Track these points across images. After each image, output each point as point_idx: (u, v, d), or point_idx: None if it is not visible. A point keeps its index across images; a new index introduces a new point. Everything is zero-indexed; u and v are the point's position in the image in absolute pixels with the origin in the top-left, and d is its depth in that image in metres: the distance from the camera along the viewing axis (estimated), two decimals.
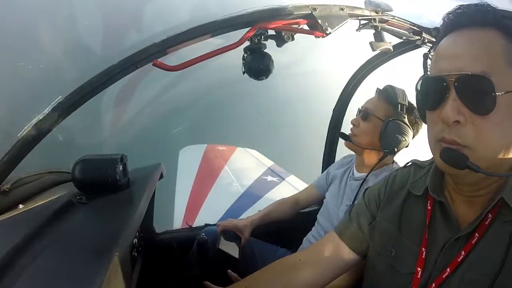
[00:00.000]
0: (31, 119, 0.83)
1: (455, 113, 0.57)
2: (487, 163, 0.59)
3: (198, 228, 1.67)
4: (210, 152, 3.83)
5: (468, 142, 0.58)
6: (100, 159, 1.04)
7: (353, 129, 1.41)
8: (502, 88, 0.56)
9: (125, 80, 0.88)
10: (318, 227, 1.46)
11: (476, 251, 0.63)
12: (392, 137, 1.27)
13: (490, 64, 0.56)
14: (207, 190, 3.05)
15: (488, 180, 0.63)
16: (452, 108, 0.58)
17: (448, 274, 0.65)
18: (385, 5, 1.08)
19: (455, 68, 0.58)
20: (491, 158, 0.59)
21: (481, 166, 0.57)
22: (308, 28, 0.99)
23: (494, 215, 0.63)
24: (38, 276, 0.63)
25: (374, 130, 1.34)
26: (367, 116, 1.36)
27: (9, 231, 0.81)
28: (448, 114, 0.58)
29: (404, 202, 0.79)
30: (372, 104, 1.39)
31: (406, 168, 0.85)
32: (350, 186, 1.40)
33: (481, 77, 0.56)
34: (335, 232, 0.88)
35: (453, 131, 0.59)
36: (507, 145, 0.59)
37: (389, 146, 1.28)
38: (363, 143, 1.38)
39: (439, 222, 0.71)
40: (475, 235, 0.63)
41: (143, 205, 0.99)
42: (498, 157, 0.59)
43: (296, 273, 0.83)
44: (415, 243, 0.73)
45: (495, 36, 0.58)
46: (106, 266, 0.63)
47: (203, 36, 0.89)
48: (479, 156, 0.58)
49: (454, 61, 0.59)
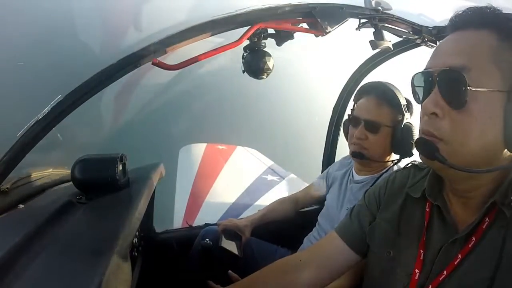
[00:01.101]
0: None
1: (432, 105, 0.60)
2: (464, 159, 0.59)
3: (198, 228, 1.67)
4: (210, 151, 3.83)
5: (444, 135, 0.59)
6: (100, 158, 1.04)
7: (361, 143, 1.29)
8: (482, 85, 0.57)
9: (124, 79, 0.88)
10: (318, 229, 1.46)
11: (473, 255, 0.63)
12: (408, 143, 1.23)
13: (471, 59, 0.58)
14: (207, 190, 3.05)
15: (477, 181, 0.63)
16: (430, 101, 0.60)
17: (445, 277, 0.65)
18: (385, 3, 1.08)
19: (440, 63, 0.61)
20: (466, 154, 0.59)
21: (458, 162, 0.58)
22: (307, 27, 0.99)
23: (492, 219, 0.62)
24: (38, 276, 0.63)
25: (386, 140, 1.27)
26: (374, 128, 1.26)
27: (8, 230, 0.81)
28: (427, 107, 0.61)
29: (403, 203, 0.79)
30: (373, 112, 1.27)
31: (406, 169, 0.86)
32: (351, 189, 1.39)
33: (456, 71, 0.58)
34: (336, 232, 0.88)
35: (431, 123, 0.61)
36: (484, 143, 0.58)
37: (406, 152, 1.26)
38: (376, 156, 1.30)
39: (437, 224, 0.71)
40: (472, 238, 0.63)
41: (143, 205, 0.99)
42: (475, 155, 0.59)
43: (297, 274, 0.83)
44: (413, 245, 0.73)
45: (488, 36, 0.59)
46: (106, 266, 0.63)
47: (203, 35, 0.89)
48: (454, 150, 0.59)
49: (440, 57, 0.62)
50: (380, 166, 1.35)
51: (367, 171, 1.37)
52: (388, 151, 1.31)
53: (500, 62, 0.58)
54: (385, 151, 1.30)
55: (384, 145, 1.29)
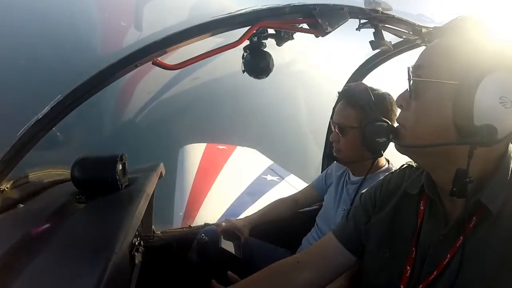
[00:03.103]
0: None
1: (399, 98, 0.70)
2: (418, 140, 0.66)
3: (198, 228, 1.67)
4: (210, 151, 3.83)
5: (405, 123, 0.69)
6: (100, 158, 1.04)
7: (335, 145, 1.35)
8: (433, 77, 0.64)
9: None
10: (317, 229, 1.46)
11: (462, 254, 0.63)
12: (373, 142, 1.22)
13: (428, 58, 0.67)
14: (207, 189, 3.05)
15: (447, 172, 0.65)
16: (400, 95, 0.70)
17: (435, 276, 0.66)
18: (385, 4, 1.08)
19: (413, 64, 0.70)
20: (421, 138, 0.66)
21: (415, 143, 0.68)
22: (308, 27, 0.99)
23: (479, 218, 0.63)
24: (38, 276, 0.63)
25: (354, 140, 1.28)
26: (342, 130, 1.31)
27: (8, 230, 0.81)
28: (396, 100, 0.72)
29: (398, 203, 0.80)
30: (340, 115, 1.33)
31: (401, 171, 0.87)
32: (347, 190, 1.39)
33: (411, 68, 0.67)
34: (333, 234, 0.89)
35: (400, 115, 0.72)
36: (432, 128, 0.65)
37: (375, 151, 1.24)
38: (349, 157, 1.34)
39: (429, 222, 0.72)
40: (460, 238, 0.64)
41: (142, 205, 0.99)
42: (427, 139, 0.65)
43: (295, 275, 0.84)
44: (407, 244, 0.74)
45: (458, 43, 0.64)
46: (106, 266, 0.63)
47: (203, 35, 0.89)
48: (411, 135, 0.68)
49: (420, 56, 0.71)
50: (374, 167, 1.34)
51: (362, 172, 1.37)
52: (362, 151, 1.29)
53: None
54: (358, 151, 1.30)
55: (354, 146, 1.29)
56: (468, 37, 0.63)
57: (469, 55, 0.61)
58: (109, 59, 0.85)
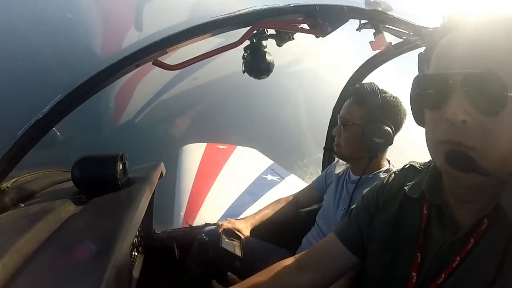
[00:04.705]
0: None
1: (462, 112, 0.54)
2: (491, 165, 0.55)
3: (198, 228, 1.67)
4: (210, 151, 3.82)
5: (475, 143, 0.54)
6: (100, 158, 1.04)
7: (337, 139, 1.38)
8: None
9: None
10: (317, 229, 1.46)
11: (471, 258, 0.62)
12: (372, 143, 1.24)
13: (500, 62, 0.53)
14: (207, 189, 3.05)
15: (488, 184, 0.60)
16: (458, 107, 0.54)
17: (443, 280, 0.64)
18: (386, 4, 1.08)
19: (461, 65, 0.55)
20: (495, 160, 0.55)
21: (488, 168, 0.55)
22: (308, 27, 0.99)
23: (490, 221, 0.61)
24: (38, 276, 0.63)
25: (356, 138, 1.30)
26: (345, 125, 1.33)
27: (9, 230, 0.81)
28: (455, 113, 0.54)
29: (401, 205, 0.78)
30: (346, 110, 1.35)
31: (404, 170, 0.85)
32: (347, 190, 1.39)
33: (490, 75, 0.52)
34: (335, 234, 0.87)
35: (459, 131, 0.55)
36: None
37: (371, 152, 1.26)
38: (347, 153, 1.35)
39: (435, 226, 0.70)
40: (471, 240, 0.62)
41: (143, 204, 0.99)
42: (503, 160, 0.56)
43: (296, 276, 0.83)
44: (411, 247, 0.72)
45: (505, 35, 0.54)
46: (106, 266, 0.63)
47: (204, 35, 0.89)
48: (484, 158, 0.54)
49: (461, 59, 0.56)
50: (375, 167, 1.34)
51: (363, 170, 1.37)
52: (361, 150, 1.30)
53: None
54: (356, 149, 1.31)
55: (353, 143, 1.31)
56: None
57: None
58: (109, 59, 0.85)
